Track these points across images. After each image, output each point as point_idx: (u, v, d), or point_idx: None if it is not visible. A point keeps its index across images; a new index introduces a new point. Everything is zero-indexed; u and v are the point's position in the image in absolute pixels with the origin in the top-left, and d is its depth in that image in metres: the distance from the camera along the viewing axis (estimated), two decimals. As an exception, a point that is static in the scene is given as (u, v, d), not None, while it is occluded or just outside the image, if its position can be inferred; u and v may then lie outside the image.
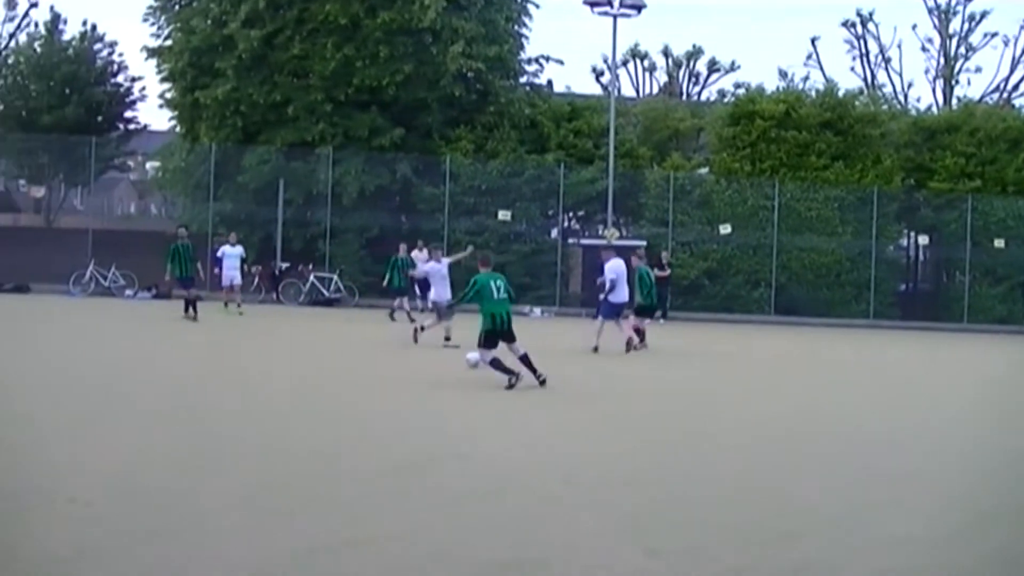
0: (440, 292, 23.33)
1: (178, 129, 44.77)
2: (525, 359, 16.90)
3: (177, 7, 43.08)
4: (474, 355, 17.79)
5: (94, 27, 54.19)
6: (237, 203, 40.35)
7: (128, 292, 37.44)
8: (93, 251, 38.74)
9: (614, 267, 23.76)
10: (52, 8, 55.44)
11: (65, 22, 54.36)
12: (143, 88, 54.54)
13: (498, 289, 17.27)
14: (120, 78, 53.90)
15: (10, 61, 52.38)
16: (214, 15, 40.93)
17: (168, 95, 43.52)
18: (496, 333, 17.00)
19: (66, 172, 51.14)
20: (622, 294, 23.80)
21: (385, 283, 31.66)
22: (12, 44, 52.05)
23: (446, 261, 24.18)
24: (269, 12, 40.08)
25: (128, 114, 54.02)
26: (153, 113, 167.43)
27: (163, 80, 43.30)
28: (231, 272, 31.09)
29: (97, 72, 52.98)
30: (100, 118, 52.17)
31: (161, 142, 49.79)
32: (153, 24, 43.28)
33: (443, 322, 22.82)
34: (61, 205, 56.05)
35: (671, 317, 35.70)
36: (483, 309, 17.17)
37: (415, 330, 23.24)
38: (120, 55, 54.45)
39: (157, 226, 40.21)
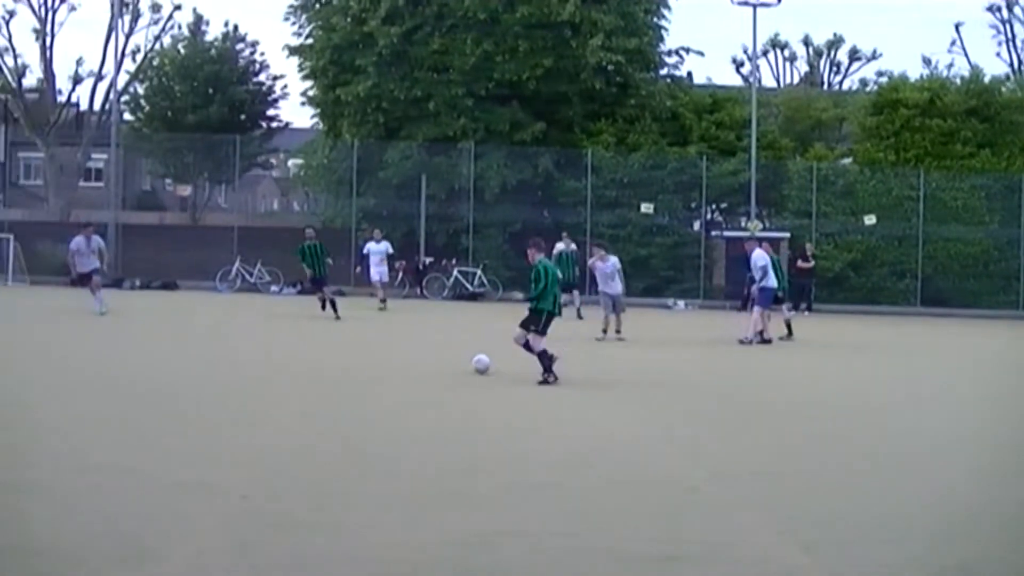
0: (614, 287, 23.74)
1: (320, 126, 46.10)
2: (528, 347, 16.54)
3: (317, 5, 44.08)
4: (483, 361, 16.91)
5: (236, 27, 55.86)
6: (380, 199, 41.41)
7: (274, 288, 38.60)
8: (238, 248, 40.10)
9: (761, 255, 24.20)
10: (195, 10, 57.06)
11: (207, 23, 56.11)
12: (285, 86, 55.76)
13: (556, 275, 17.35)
14: (262, 77, 55.51)
15: (155, 63, 54.07)
16: (354, 12, 41.87)
17: (310, 92, 44.81)
18: (554, 318, 16.74)
19: (211, 170, 52.77)
20: (773, 280, 24.12)
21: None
22: (157, 46, 53.61)
23: (614, 259, 24.33)
24: (408, 8, 40.92)
25: (270, 112, 55.65)
26: (295, 111, 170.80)
27: (305, 78, 44.58)
28: (379, 268, 31.63)
29: (240, 71, 54.57)
30: (243, 117, 53.76)
31: (303, 139, 51.15)
32: (294, 23, 44.50)
33: (615, 314, 23.38)
34: (206, 203, 57.79)
35: (816, 309, 35.91)
36: (549, 293, 16.68)
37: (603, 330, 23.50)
38: (262, 54, 56.12)
39: (300, 222, 41.32)
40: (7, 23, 51.50)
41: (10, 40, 51.79)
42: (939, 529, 8.52)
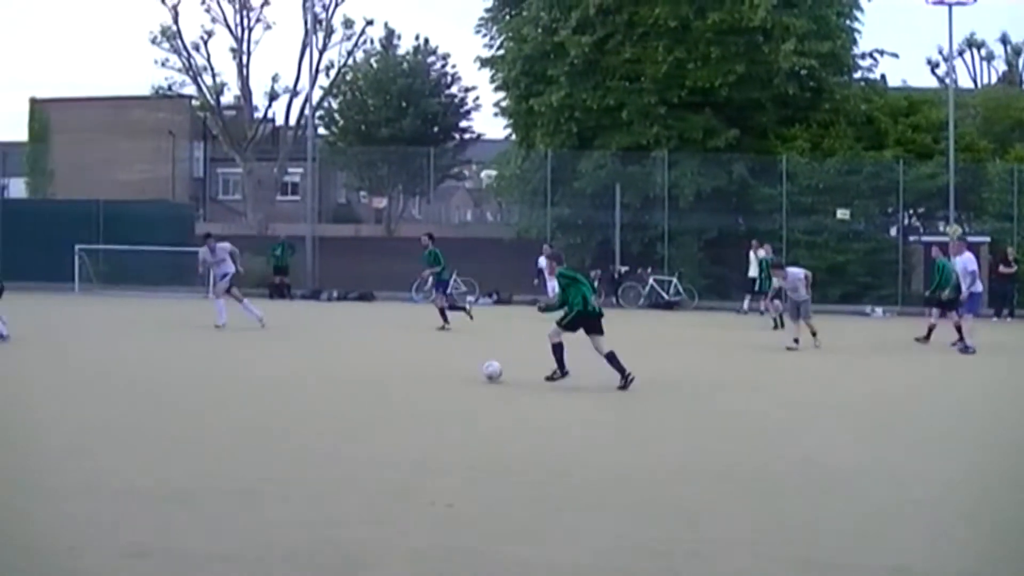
0: (798, 294, 23.72)
1: (513, 137, 47.24)
2: (557, 348, 16.79)
3: (508, 17, 45.19)
4: (494, 366, 17.17)
5: (427, 41, 57.82)
6: (574, 208, 42.26)
7: (470, 298, 39.77)
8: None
9: (970, 259, 24.09)
10: (386, 24, 59.02)
11: (399, 37, 58.19)
12: (477, 98, 57.47)
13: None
14: (454, 89, 57.29)
15: (348, 78, 56.02)
16: (544, 23, 42.73)
17: (502, 104, 46.11)
18: (585, 316, 16.88)
19: (405, 182, 54.62)
20: (979, 285, 24.22)
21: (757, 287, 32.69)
22: (350, 61, 55.42)
23: (793, 271, 24.43)
24: (599, 18, 41.60)
25: (463, 124, 57.35)
26: (487, 122, 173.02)
27: (497, 89, 46.02)
28: (552, 282, 32.32)
29: (432, 84, 56.37)
30: (436, 129, 55.52)
31: (495, 150, 52.31)
32: (485, 35, 45.82)
33: (801, 321, 23.69)
34: (401, 215, 59.64)
35: (1018, 315, 35.74)
36: (578, 293, 16.86)
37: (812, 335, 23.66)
38: (453, 67, 57.92)
39: (494, 233, 42.48)
40: (205, 43, 53.76)
41: (208, 59, 54.08)
42: None
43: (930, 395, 17.71)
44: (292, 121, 54.73)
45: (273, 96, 54.74)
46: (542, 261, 32.83)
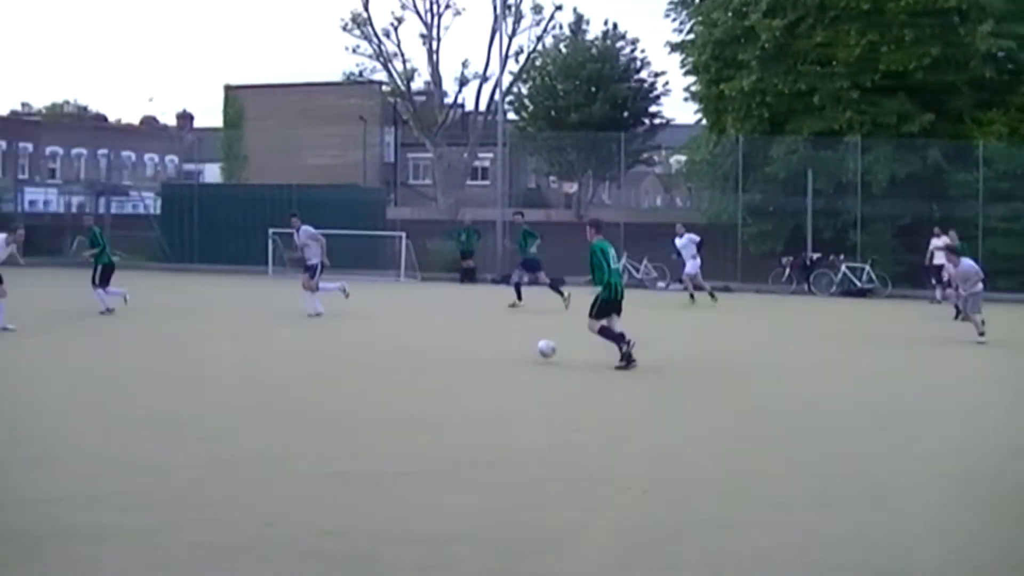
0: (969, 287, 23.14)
1: (703, 122, 47.70)
2: (604, 330, 17.10)
3: (698, 1, 45.61)
4: (546, 343, 17.68)
5: (615, 25, 58.54)
6: (765, 194, 42.42)
7: (660, 284, 40.43)
8: (624, 244, 40.67)
9: None
10: (575, 10, 59.89)
11: (588, 23, 58.98)
12: (666, 83, 58.12)
13: (614, 258, 17.55)
14: (643, 74, 57.96)
15: (538, 63, 57.03)
16: (735, 7, 43.09)
17: (693, 88, 46.61)
18: (612, 303, 17.23)
19: (595, 168, 55.46)
20: None
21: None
22: (539, 47, 56.42)
23: (965, 262, 23.74)
24: (790, 1, 41.78)
25: (652, 109, 57.98)
26: (677, 107, 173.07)
27: (687, 74, 46.43)
28: (692, 261, 32.79)
29: (621, 69, 57.11)
30: (626, 114, 56.23)
31: (684, 136, 52.79)
32: (675, 19, 46.39)
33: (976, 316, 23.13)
34: (591, 200, 60.54)
35: None
36: (601, 278, 17.11)
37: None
38: (643, 51, 58.68)
39: (684, 219, 42.80)
40: (396, 29, 55.22)
41: (399, 45, 55.62)
42: None
43: None
44: (482, 106, 55.85)
45: (463, 82, 55.85)
46: (678, 241, 33.11)
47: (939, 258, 33.49)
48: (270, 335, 22.60)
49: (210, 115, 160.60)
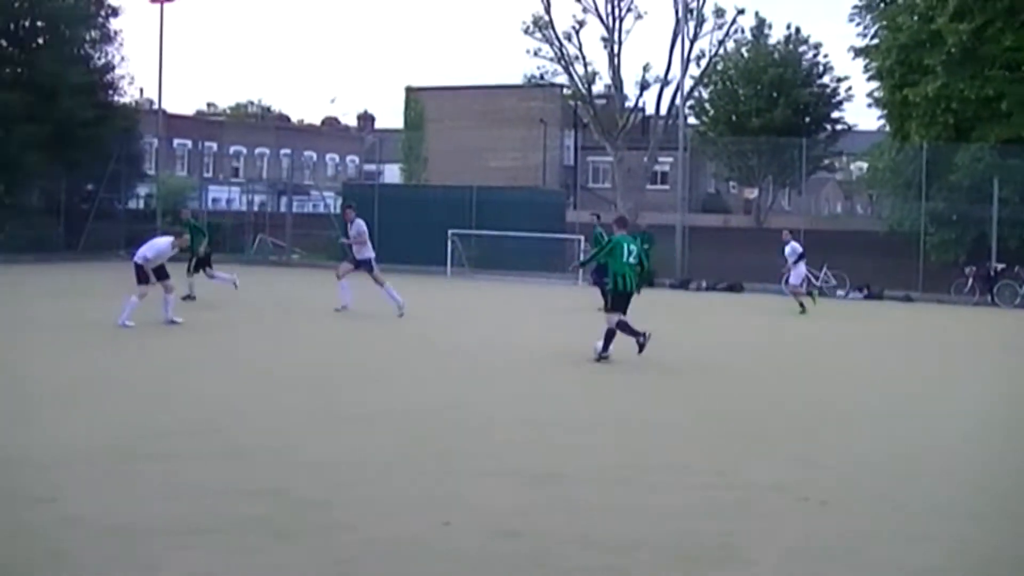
0: None
1: (886, 128, 47.44)
2: (623, 324, 18.21)
3: (882, 5, 45.58)
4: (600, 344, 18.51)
5: (798, 30, 58.62)
6: (948, 202, 41.85)
7: (840, 292, 40.48)
8: (804, 250, 41.37)
9: None
10: (757, 14, 59.90)
11: (770, 27, 59.20)
12: (849, 88, 58.00)
13: (630, 252, 18.65)
14: (826, 79, 57.98)
15: (719, 67, 57.31)
16: (920, 11, 42.88)
17: (876, 94, 46.49)
18: (622, 295, 18.43)
19: (775, 173, 55.63)
20: None
21: None
22: (721, 51, 56.56)
23: None
24: (978, 4, 41.28)
25: (835, 114, 57.94)
26: (859, 112, 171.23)
27: (870, 79, 46.35)
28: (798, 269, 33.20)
29: (803, 74, 57.20)
30: (807, 119, 56.28)
31: (867, 142, 52.46)
32: (859, 24, 46.45)
33: None
34: (770, 206, 60.68)
35: None
36: (611, 269, 18.65)
37: None
38: (825, 56, 58.55)
39: (865, 226, 42.82)
40: (577, 32, 55.70)
41: (580, 48, 56.04)
42: None
43: None
44: (663, 110, 56.16)
45: (644, 85, 55.99)
46: (788, 249, 33.17)
47: None
48: (456, 333, 23.54)
49: (391, 116, 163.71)
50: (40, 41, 50.26)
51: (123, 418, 12.39)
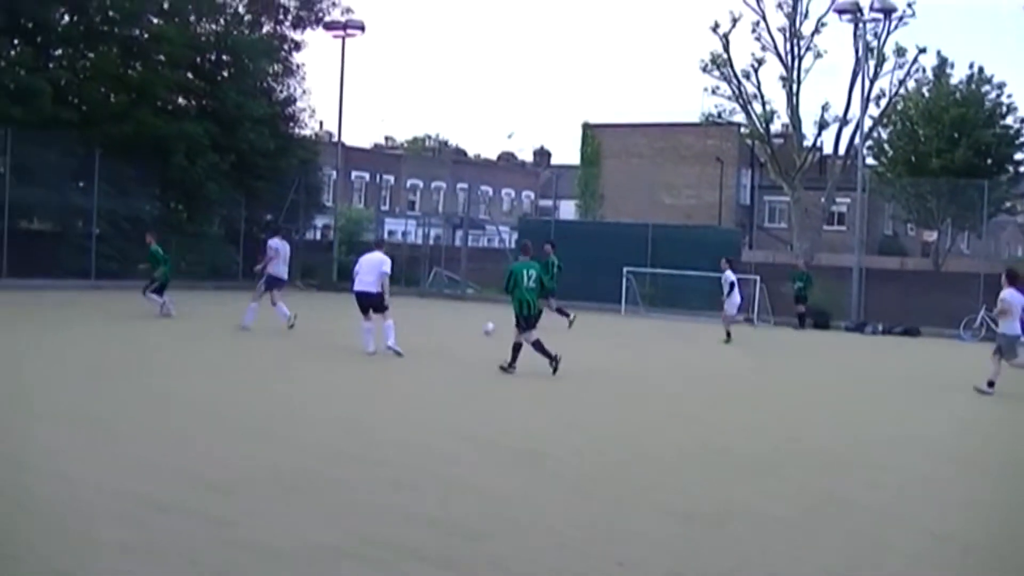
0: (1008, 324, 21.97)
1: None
2: (537, 345, 20.33)
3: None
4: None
5: (981, 69, 58.02)
6: None
7: None
8: (983, 295, 39.27)
9: None
10: (939, 53, 59.41)
11: (952, 66, 58.63)
12: (1035, 129, 57.30)
13: (529, 277, 20.69)
14: (1009, 119, 57.24)
15: (899, 107, 57.16)
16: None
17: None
18: (523, 317, 20.49)
19: (954, 216, 55.16)
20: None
21: None
22: (901, 91, 56.47)
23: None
24: None
25: (1017, 156, 57.22)
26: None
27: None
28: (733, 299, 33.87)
29: (986, 114, 56.56)
30: (989, 160, 55.66)
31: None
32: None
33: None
34: (949, 249, 60.07)
35: None
36: (515, 296, 20.63)
37: None
38: (1009, 96, 57.72)
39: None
40: (756, 71, 56.29)
41: (759, 87, 56.51)
42: None
43: None
44: (841, 150, 56.28)
45: (823, 125, 56.20)
46: (722, 278, 33.97)
47: None
48: (635, 366, 24.14)
49: (567, 152, 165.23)
50: (225, 74, 52.34)
51: (299, 444, 12.68)
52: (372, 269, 22.83)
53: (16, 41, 45.73)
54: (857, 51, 51.79)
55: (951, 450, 15.20)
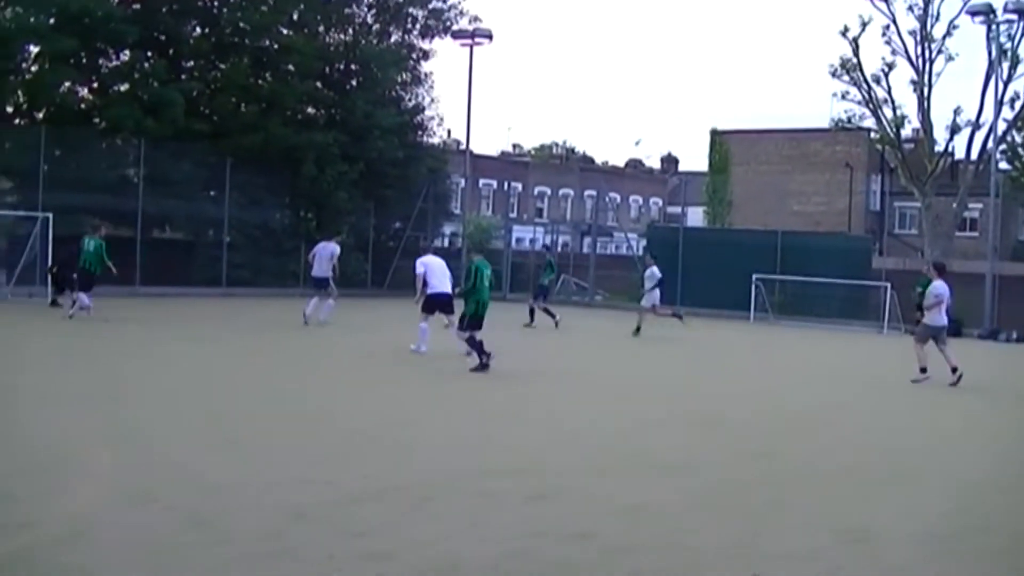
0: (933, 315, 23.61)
1: None
2: (472, 341, 20.93)
3: None
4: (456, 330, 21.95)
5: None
6: None
7: None
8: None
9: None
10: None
11: (1089, 67, 57.67)
12: None
13: (488, 278, 21.75)
14: None
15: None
16: None
17: None
18: (479, 318, 21.12)
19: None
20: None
21: None
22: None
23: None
24: None
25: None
26: None
27: None
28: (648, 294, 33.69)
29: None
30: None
31: None
32: None
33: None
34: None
35: None
36: (474, 296, 21.30)
37: None
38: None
39: None
40: (886, 75, 55.75)
41: (889, 92, 55.92)
42: None
43: None
44: (973, 155, 55.54)
45: (954, 129, 55.53)
46: (647, 273, 34.18)
47: None
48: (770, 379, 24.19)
49: (695, 159, 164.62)
50: (354, 84, 53.19)
51: (428, 457, 12.62)
52: (444, 271, 23.87)
53: (150, 54, 46.90)
54: (990, 53, 51.23)
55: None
